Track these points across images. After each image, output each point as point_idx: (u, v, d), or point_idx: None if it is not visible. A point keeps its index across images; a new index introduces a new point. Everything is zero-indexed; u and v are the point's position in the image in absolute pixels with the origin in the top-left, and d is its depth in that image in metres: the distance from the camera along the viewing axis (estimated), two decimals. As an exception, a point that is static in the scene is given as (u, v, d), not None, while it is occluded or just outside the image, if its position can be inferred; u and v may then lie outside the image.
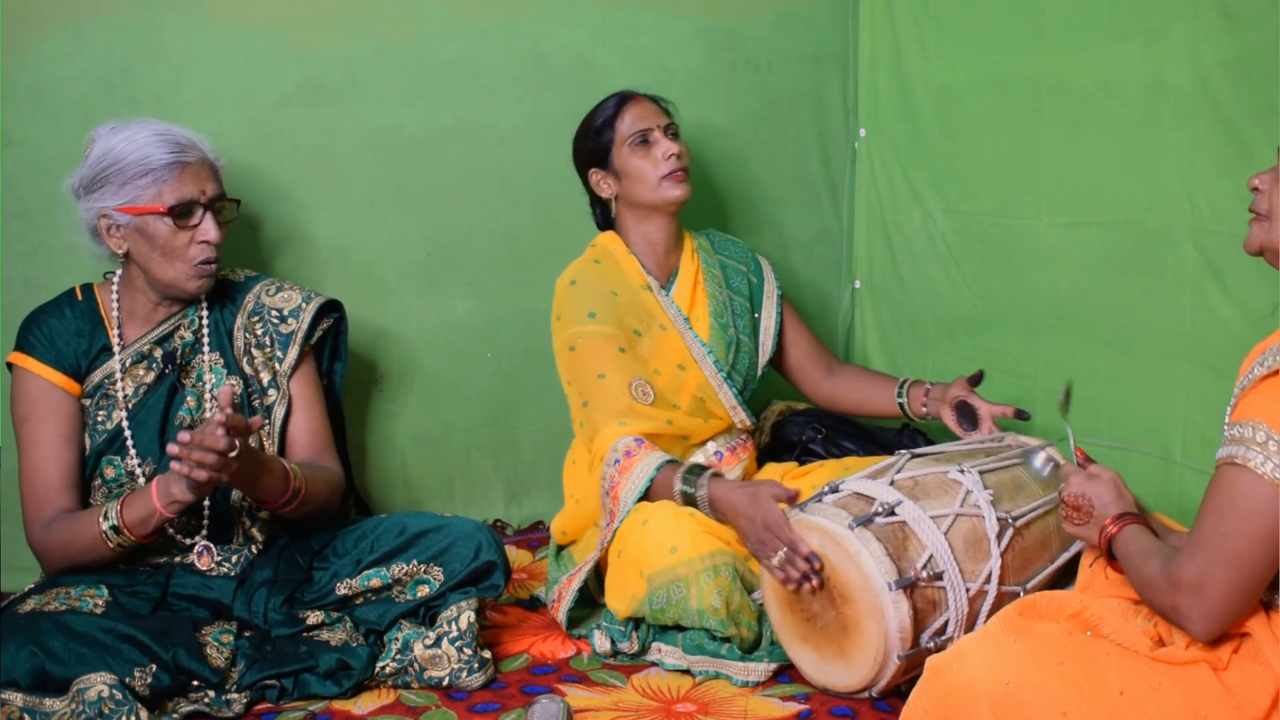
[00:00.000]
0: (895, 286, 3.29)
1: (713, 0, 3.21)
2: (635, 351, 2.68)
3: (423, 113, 2.99)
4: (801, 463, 2.89)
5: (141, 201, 2.35)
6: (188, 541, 2.43)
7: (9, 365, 2.44)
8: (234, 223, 2.50)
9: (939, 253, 3.13)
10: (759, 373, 2.88)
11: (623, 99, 2.78)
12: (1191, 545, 1.76)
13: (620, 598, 2.49)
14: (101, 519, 2.29)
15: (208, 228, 2.39)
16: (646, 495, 2.52)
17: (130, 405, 2.43)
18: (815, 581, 2.25)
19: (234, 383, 2.44)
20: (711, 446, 2.76)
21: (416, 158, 3.00)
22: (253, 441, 2.46)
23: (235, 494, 2.46)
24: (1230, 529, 1.72)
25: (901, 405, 2.83)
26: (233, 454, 2.18)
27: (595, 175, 2.79)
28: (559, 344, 2.73)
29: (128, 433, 2.41)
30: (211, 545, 2.45)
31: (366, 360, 2.99)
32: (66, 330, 2.43)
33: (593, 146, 2.78)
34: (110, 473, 2.41)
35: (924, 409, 2.79)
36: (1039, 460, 2.28)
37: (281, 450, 2.52)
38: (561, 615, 2.58)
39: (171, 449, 2.17)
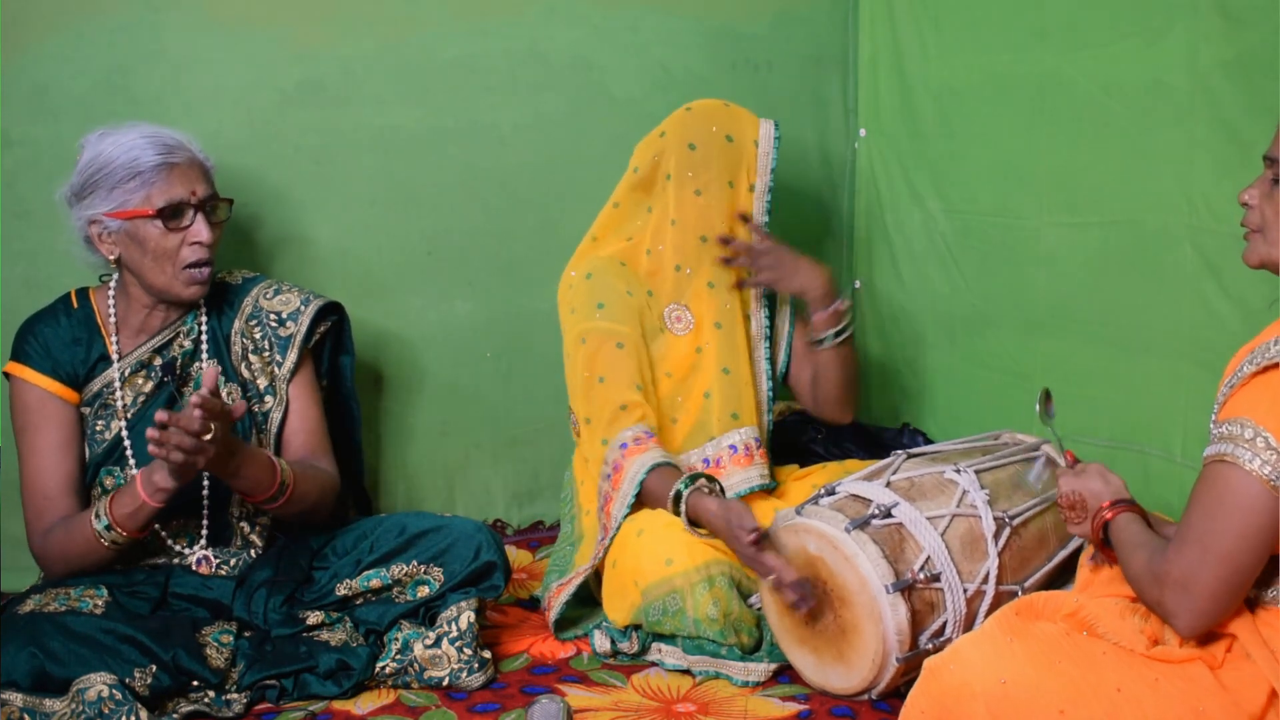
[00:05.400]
0: (895, 286, 3.29)
1: (713, 0, 3.21)
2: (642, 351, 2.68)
3: (423, 113, 2.99)
4: (802, 464, 2.89)
5: (130, 205, 2.33)
6: (188, 552, 2.44)
7: (5, 375, 2.43)
8: (232, 223, 2.48)
9: (939, 253, 3.13)
10: (773, 382, 2.82)
11: None
12: (1179, 542, 1.77)
13: (618, 608, 2.49)
14: (94, 519, 2.28)
15: (199, 229, 2.36)
16: (641, 497, 2.51)
17: (129, 415, 2.42)
18: (811, 604, 2.25)
19: (219, 368, 2.34)
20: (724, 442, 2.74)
21: (416, 158, 3.01)
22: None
23: (233, 506, 2.46)
24: (1218, 525, 1.72)
25: None
26: (207, 437, 2.16)
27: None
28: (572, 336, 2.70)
29: (127, 443, 2.40)
30: (210, 556, 2.45)
31: (366, 360, 2.99)
32: (62, 339, 2.41)
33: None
34: (109, 483, 2.40)
35: None
36: (1034, 472, 2.28)
37: (277, 452, 2.51)
38: (550, 622, 2.58)
39: (150, 433, 2.15)
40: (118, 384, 2.42)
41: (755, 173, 2.71)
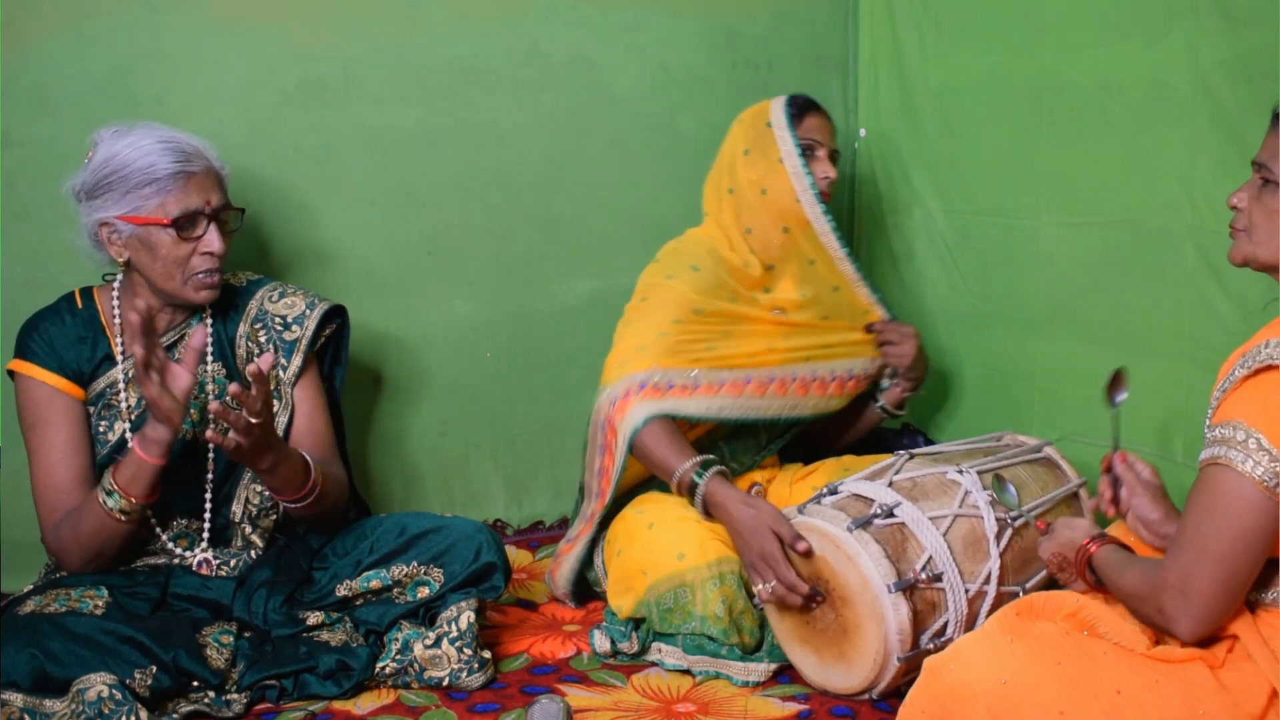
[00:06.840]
0: (895, 286, 3.29)
1: (713, 0, 3.21)
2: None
3: (423, 113, 2.99)
4: (805, 463, 2.89)
5: (145, 211, 2.31)
6: (189, 554, 2.44)
7: (10, 373, 2.42)
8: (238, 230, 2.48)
9: (938, 252, 3.13)
10: None
11: (808, 104, 2.77)
12: (1175, 547, 1.77)
13: (624, 596, 2.50)
14: (100, 494, 2.27)
15: (211, 239, 2.35)
16: (635, 449, 2.52)
17: (133, 417, 2.41)
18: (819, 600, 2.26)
19: (273, 356, 2.38)
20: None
21: (416, 158, 3.00)
22: None
23: (235, 508, 2.46)
24: (1214, 528, 1.73)
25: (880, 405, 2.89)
26: (256, 421, 2.18)
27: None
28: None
29: (131, 444, 2.39)
30: (211, 559, 2.45)
31: (366, 360, 2.99)
32: (67, 337, 2.40)
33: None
34: None
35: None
36: (1012, 492, 2.28)
37: None
38: (562, 588, 2.63)
39: (214, 407, 2.17)
40: (122, 385, 2.41)
41: (769, 114, 2.76)
